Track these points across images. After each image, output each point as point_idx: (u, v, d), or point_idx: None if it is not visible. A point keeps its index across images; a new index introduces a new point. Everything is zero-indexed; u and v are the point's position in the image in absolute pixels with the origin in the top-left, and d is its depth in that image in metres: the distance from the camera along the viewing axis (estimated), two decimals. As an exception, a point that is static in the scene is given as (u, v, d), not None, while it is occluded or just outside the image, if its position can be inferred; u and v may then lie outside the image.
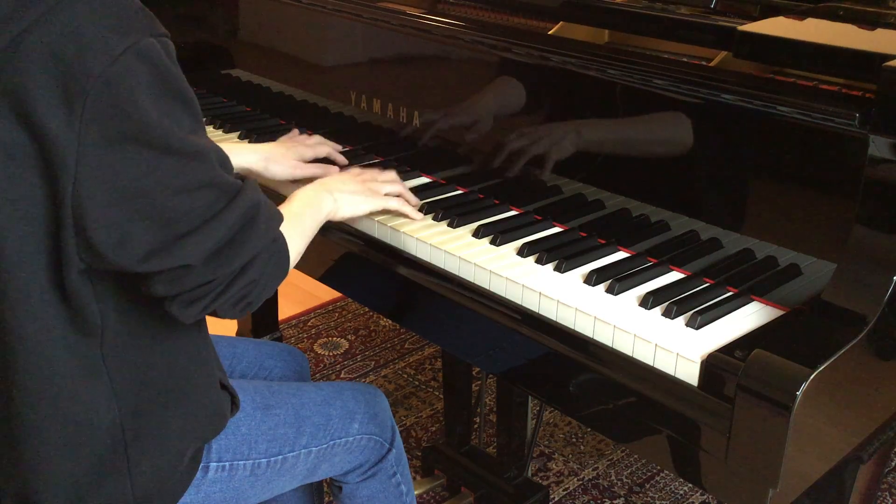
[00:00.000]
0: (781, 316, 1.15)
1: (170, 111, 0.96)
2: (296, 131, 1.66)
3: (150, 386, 1.09)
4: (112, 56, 0.91)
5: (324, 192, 1.30)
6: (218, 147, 1.03)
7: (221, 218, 1.00)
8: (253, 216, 1.04)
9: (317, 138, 1.62)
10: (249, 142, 1.79)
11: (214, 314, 1.07)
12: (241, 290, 1.05)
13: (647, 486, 2.19)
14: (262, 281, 1.07)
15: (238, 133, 1.84)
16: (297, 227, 1.20)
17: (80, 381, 1.04)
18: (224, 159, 1.04)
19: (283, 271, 1.11)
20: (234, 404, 1.22)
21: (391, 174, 1.45)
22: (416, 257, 1.38)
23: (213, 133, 1.88)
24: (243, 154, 1.50)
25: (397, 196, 1.42)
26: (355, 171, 1.44)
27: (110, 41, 0.91)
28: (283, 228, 1.12)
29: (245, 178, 1.07)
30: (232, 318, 1.09)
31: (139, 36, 0.93)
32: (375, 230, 1.44)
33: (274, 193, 1.51)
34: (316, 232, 1.26)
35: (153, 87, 0.94)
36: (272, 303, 2.50)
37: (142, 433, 1.09)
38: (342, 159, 1.62)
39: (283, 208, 1.20)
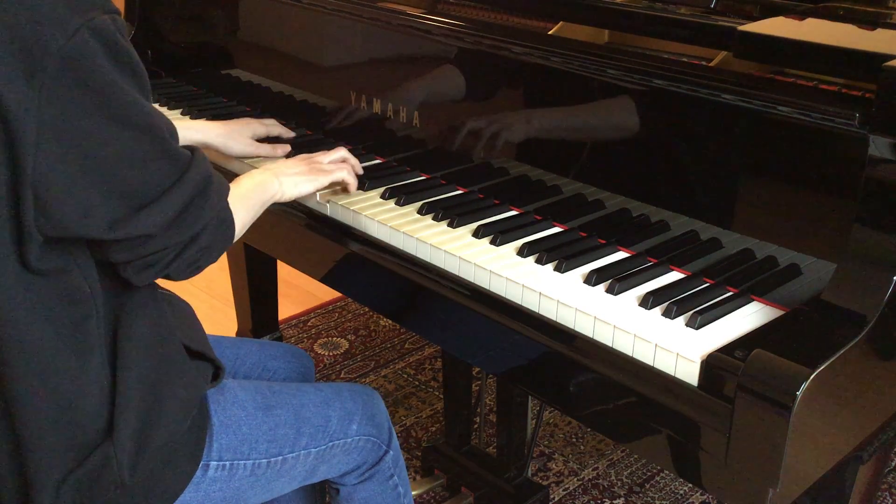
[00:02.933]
0: (781, 316, 1.15)
1: (123, 85, 0.98)
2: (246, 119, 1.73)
3: (138, 353, 1.11)
4: (68, 33, 0.93)
5: (269, 174, 1.37)
6: (168, 119, 1.07)
7: (177, 188, 1.05)
8: (205, 187, 1.09)
9: (270, 121, 1.73)
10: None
11: (167, 277, 1.13)
12: (193, 254, 1.10)
13: (647, 486, 2.19)
14: (212, 247, 1.13)
15: (238, 133, 1.84)
16: (245, 202, 1.27)
17: (69, 356, 1.05)
18: (173, 131, 1.08)
19: (229, 240, 1.17)
20: (218, 367, 1.25)
21: (337, 153, 1.51)
22: (416, 257, 1.38)
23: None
24: (205, 130, 1.61)
25: (342, 162, 1.50)
26: (302, 156, 1.49)
27: (65, 18, 0.93)
28: (232, 203, 1.17)
29: (195, 149, 1.11)
30: (182, 279, 1.15)
31: (94, 13, 0.95)
32: (375, 230, 1.44)
33: (228, 172, 1.66)
34: (262, 210, 1.33)
35: (107, 62, 0.96)
36: (272, 302, 2.49)
37: (132, 401, 1.10)
38: (290, 133, 1.74)
39: (233, 185, 1.25)
